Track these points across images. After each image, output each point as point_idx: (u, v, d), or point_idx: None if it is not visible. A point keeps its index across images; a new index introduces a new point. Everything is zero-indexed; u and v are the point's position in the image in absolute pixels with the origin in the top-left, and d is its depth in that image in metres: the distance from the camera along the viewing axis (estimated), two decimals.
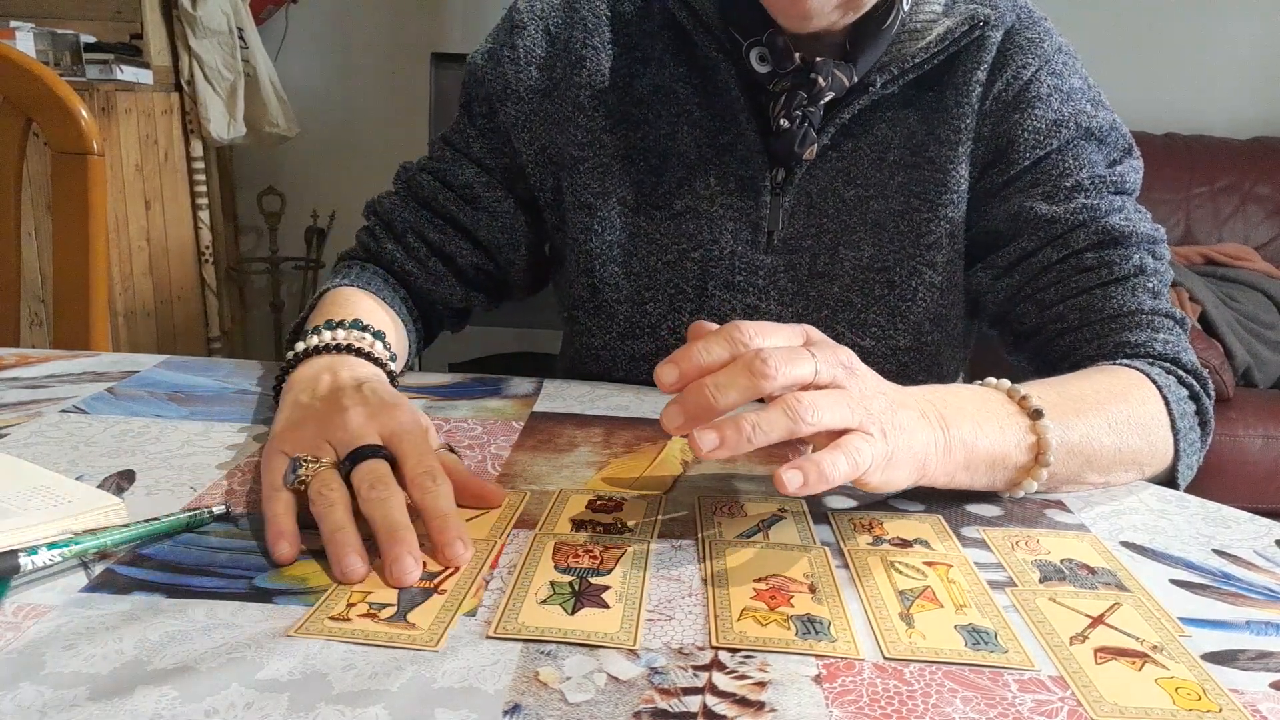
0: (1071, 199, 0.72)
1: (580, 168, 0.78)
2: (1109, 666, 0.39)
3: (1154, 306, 0.70)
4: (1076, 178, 0.73)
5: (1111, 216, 0.71)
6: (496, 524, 0.50)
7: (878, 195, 0.76)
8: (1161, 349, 0.68)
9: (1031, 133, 0.73)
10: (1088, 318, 0.71)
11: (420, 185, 0.81)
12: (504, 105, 0.79)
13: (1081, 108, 0.74)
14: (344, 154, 2.74)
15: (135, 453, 0.57)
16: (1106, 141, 0.75)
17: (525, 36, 0.79)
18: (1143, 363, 0.66)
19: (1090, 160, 0.73)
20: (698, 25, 0.74)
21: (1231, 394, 1.94)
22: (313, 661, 0.37)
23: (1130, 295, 0.70)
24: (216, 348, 2.54)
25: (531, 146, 0.79)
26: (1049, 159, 0.74)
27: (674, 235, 0.77)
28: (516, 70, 0.79)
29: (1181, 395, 0.65)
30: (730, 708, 0.36)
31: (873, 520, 0.52)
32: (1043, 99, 0.74)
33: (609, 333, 0.79)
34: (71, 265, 0.99)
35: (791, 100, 0.72)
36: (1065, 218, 0.72)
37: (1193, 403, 0.66)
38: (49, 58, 1.96)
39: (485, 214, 0.81)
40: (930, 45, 0.73)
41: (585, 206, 0.78)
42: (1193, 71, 2.64)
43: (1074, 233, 0.72)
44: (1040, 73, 0.74)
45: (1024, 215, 0.73)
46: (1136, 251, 0.71)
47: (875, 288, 0.76)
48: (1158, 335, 0.69)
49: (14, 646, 0.37)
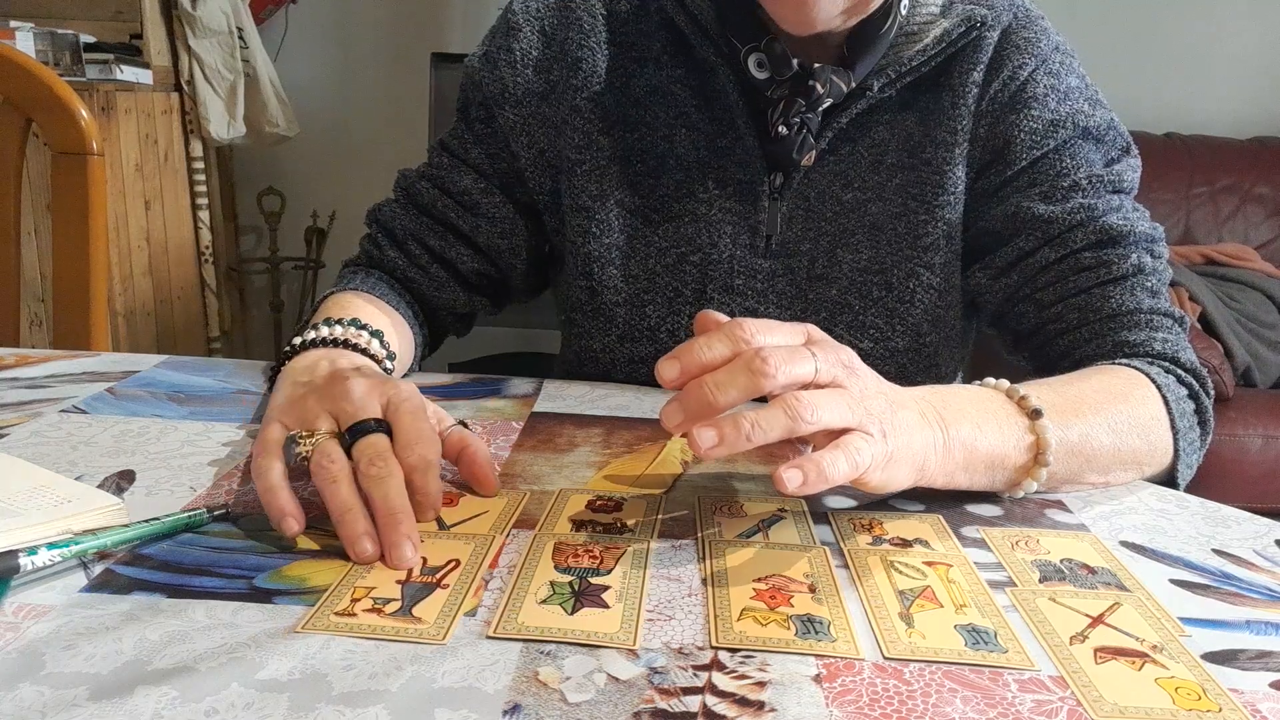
0: (1069, 199, 0.72)
1: (578, 170, 0.78)
2: (1109, 666, 0.39)
3: (1152, 305, 0.70)
4: (1074, 177, 0.73)
5: (1109, 216, 0.71)
6: (496, 524, 0.50)
7: (875, 198, 0.76)
8: (1160, 348, 0.68)
9: (1028, 133, 0.73)
10: (1086, 317, 0.71)
11: (419, 192, 0.81)
12: (501, 109, 0.79)
13: (1079, 107, 0.74)
14: (344, 154, 2.74)
15: (135, 453, 0.57)
16: (1104, 140, 0.75)
17: (521, 39, 0.79)
18: (1141, 362, 0.66)
19: (1088, 159, 0.73)
20: (696, 30, 0.74)
21: (1231, 394, 1.94)
22: (313, 661, 0.37)
23: (1129, 294, 0.70)
24: (216, 348, 2.54)
25: (530, 150, 0.79)
26: (1046, 159, 0.74)
27: (673, 238, 0.77)
28: (513, 73, 0.78)
29: (1181, 394, 0.65)
30: (730, 708, 0.36)
31: (873, 520, 0.52)
32: (1039, 99, 0.74)
33: (608, 335, 0.79)
34: (71, 265, 0.99)
35: (790, 107, 0.72)
36: (1062, 218, 0.72)
37: (1192, 401, 0.66)
38: (49, 58, 1.96)
39: (484, 220, 0.81)
40: (927, 48, 0.73)
41: (583, 209, 0.78)
42: (1193, 71, 2.64)
43: (1072, 232, 0.72)
44: (1037, 72, 0.74)
45: (1021, 215, 0.73)
46: (1134, 251, 0.71)
47: (873, 290, 0.76)
48: (1156, 334, 0.69)
49: (14, 646, 0.37)
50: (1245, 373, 2.06)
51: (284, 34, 2.64)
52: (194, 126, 2.35)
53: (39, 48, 1.94)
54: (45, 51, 1.96)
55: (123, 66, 2.11)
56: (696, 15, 0.73)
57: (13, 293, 1.05)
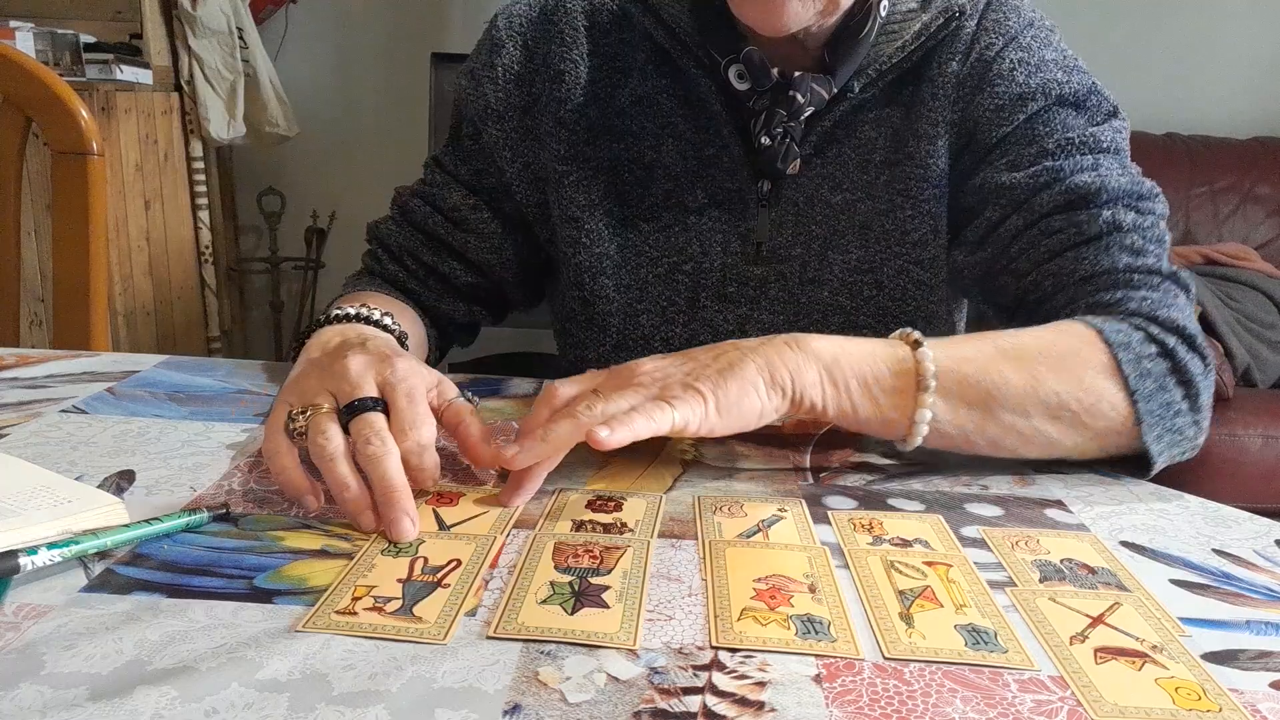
0: (1035, 164, 0.70)
1: (565, 182, 0.78)
2: (1109, 666, 0.39)
3: (1131, 264, 0.66)
4: (1042, 144, 0.70)
5: (1078, 175, 0.68)
6: (496, 524, 0.50)
7: (864, 197, 0.76)
8: (1135, 306, 0.63)
9: (993, 110, 0.72)
10: (1061, 283, 0.68)
11: (413, 210, 0.82)
12: (486, 126, 0.79)
13: (1051, 76, 0.72)
14: (344, 154, 2.74)
15: (135, 453, 0.57)
16: (1086, 106, 0.72)
17: (504, 54, 0.79)
18: (1101, 319, 0.62)
19: (1065, 124, 0.71)
20: (675, 44, 0.74)
21: (1231, 394, 1.94)
22: (313, 662, 0.37)
23: (1103, 254, 0.67)
24: (216, 348, 2.54)
25: (515, 164, 0.80)
26: (1016, 132, 0.72)
27: (664, 248, 0.77)
28: (496, 89, 0.79)
29: (1145, 352, 0.59)
30: (730, 708, 0.36)
31: (873, 520, 0.52)
32: (1004, 75, 0.72)
33: (602, 345, 0.80)
34: (71, 265, 0.99)
35: (771, 119, 0.71)
36: (1025, 182, 0.70)
37: (1165, 360, 0.60)
38: (49, 58, 1.96)
39: (474, 236, 0.81)
40: (907, 44, 0.72)
41: (572, 220, 0.78)
42: (1193, 71, 2.64)
43: (1037, 196, 0.69)
44: (1005, 50, 0.73)
45: (988, 186, 0.72)
46: (1108, 208, 0.67)
47: (864, 289, 0.76)
48: (1136, 293, 0.65)
49: (14, 646, 0.37)
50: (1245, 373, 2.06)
51: (284, 34, 2.64)
52: (194, 126, 2.35)
53: (39, 48, 1.94)
54: (45, 51, 1.96)
55: (123, 66, 2.11)
56: (674, 28, 0.73)
57: (13, 293, 1.05)
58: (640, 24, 0.76)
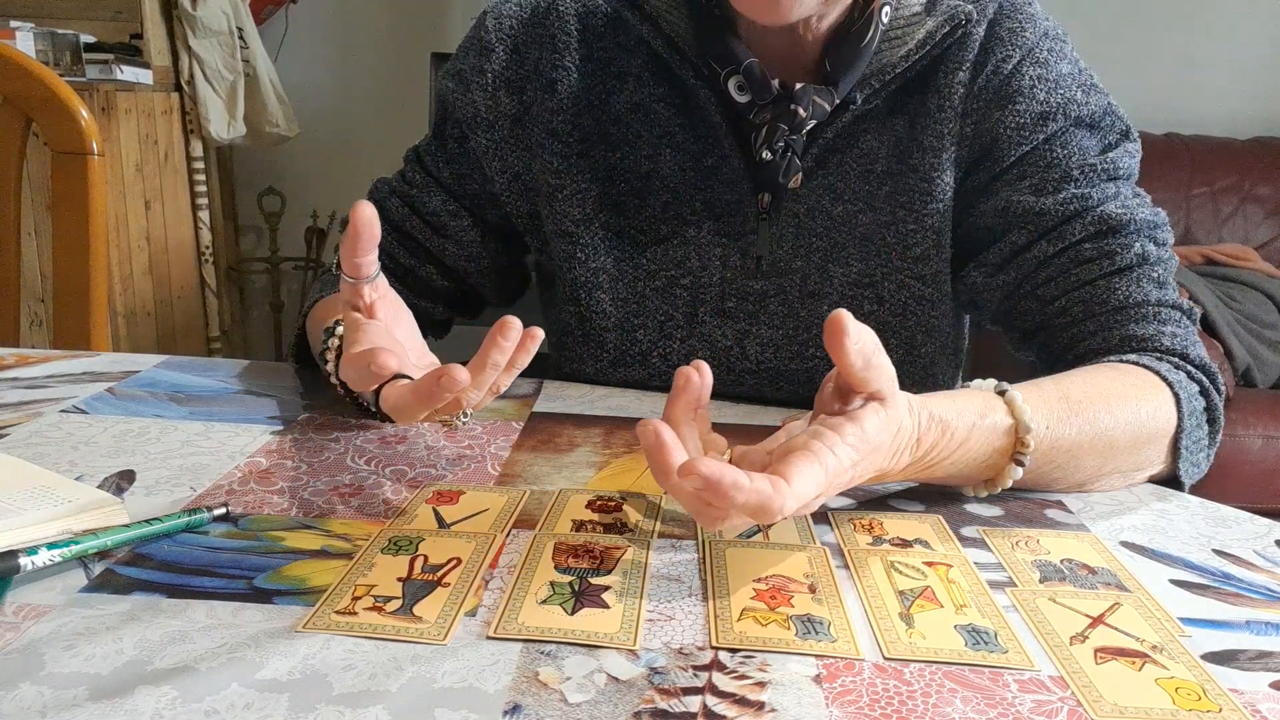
0: (1061, 190, 0.70)
1: (559, 195, 0.77)
2: (1109, 666, 0.39)
3: (1160, 298, 0.68)
4: (1065, 167, 0.70)
5: (1107, 204, 0.69)
6: (496, 523, 0.50)
7: (865, 208, 0.74)
8: (1169, 343, 0.66)
9: (1015, 129, 0.71)
10: (1091, 310, 0.69)
11: (390, 209, 0.81)
12: (474, 133, 0.78)
13: (1070, 95, 0.71)
14: (344, 154, 2.74)
15: (135, 453, 0.57)
16: (1100, 126, 0.72)
17: (493, 59, 0.77)
18: (1150, 358, 0.64)
19: (1081, 148, 0.71)
20: (674, 53, 0.72)
21: (1231, 394, 1.94)
22: (313, 662, 0.37)
23: (1135, 286, 0.68)
24: (216, 348, 2.54)
25: (504, 174, 0.78)
26: (1036, 152, 0.71)
27: (662, 261, 0.76)
28: (485, 96, 0.77)
29: (1192, 391, 0.63)
30: (730, 708, 0.36)
31: (873, 520, 0.52)
32: (1025, 92, 0.71)
33: (599, 360, 0.78)
34: (71, 265, 0.99)
35: (773, 133, 0.70)
36: (1055, 209, 0.70)
37: (1202, 399, 0.64)
38: (49, 58, 1.96)
39: (451, 242, 0.81)
40: (911, 53, 0.70)
41: (567, 234, 0.77)
42: (1193, 71, 2.64)
43: (1068, 224, 0.70)
44: (1023, 64, 0.71)
45: (1012, 209, 0.71)
46: (1137, 239, 0.69)
47: (864, 303, 0.74)
48: (1165, 328, 0.67)
49: (14, 646, 0.37)
50: (1245, 373, 2.06)
51: (284, 34, 2.64)
52: (194, 126, 2.35)
53: (39, 48, 1.94)
54: (45, 51, 1.96)
55: (123, 66, 2.11)
56: (673, 38, 0.71)
57: (13, 293, 1.05)
58: (636, 30, 0.74)
